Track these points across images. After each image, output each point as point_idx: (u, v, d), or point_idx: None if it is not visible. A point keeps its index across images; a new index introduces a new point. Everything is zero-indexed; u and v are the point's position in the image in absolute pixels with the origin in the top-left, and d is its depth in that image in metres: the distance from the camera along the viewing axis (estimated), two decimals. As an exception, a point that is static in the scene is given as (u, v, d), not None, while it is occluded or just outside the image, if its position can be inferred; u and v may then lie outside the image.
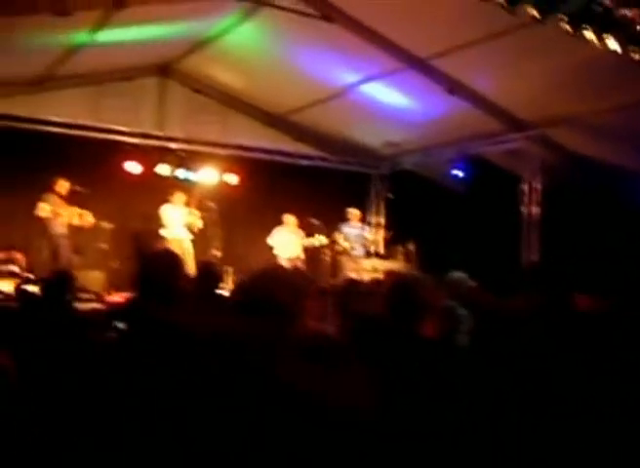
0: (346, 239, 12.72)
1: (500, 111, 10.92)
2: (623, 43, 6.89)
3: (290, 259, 12.41)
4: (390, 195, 14.27)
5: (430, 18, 8.85)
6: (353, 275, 11.27)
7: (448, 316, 3.95)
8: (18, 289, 8.51)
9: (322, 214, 12.56)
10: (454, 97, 10.55)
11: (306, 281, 2.89)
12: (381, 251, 13.76)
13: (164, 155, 12.36)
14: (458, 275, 5.55)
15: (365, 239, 13.18)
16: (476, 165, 12.30)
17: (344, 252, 12.64)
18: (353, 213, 13.03)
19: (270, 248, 12.51)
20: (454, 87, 10.40)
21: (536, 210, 10.93)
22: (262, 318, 2.49)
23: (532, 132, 10.87)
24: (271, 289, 2.58)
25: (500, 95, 10.55)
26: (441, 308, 3.47)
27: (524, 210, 11.01)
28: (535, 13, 6.80)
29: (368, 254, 13.05)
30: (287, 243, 12.54)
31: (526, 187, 11.03)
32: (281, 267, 7.18)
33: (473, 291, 5.39)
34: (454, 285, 5.33)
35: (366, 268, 12.07)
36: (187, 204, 11.74)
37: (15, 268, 10.76)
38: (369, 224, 14.05)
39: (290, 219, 12.65)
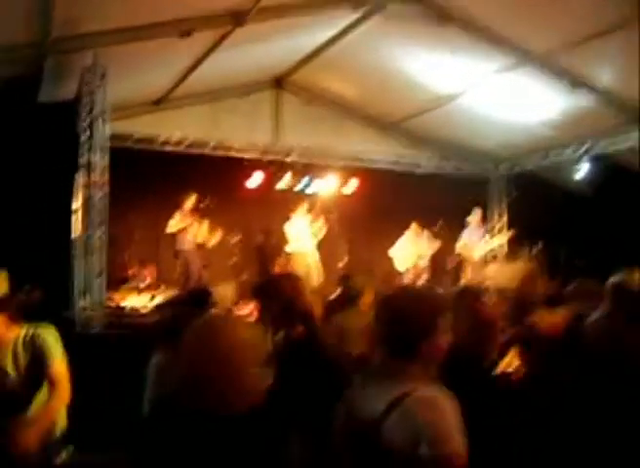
0: (466, 245, 12.53)
1: (626, 105, 10.50)
2: None
3: (410, 270, 12.30)
4: (512, 198, 13.92)
5: (549, 11, 8.60)
6: (476, 280, 11.06)
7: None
8: (158, 305, 8.73)
9: (443, 219, 12.40)
10: (575, 93, 10.23)
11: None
12: (505, 253, 13.47)
13: (282, 168, 12.50)
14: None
15: (487, 244, 12.93)
16: (602, 164, 11.87)
17: (467, 258, 12.44)
18: (474, 218, 12.82)
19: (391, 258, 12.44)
20: (576, 82, 10.07)
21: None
22: None
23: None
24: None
25: (626, 88, 10.12)
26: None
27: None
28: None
29: (492, 259, 12.81)
30: (408, 253, 12.41)
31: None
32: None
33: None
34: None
35: (489, 273, 11.82)
36: (310, 211, 11.79)
37: (146, 284, 11.09)
38: (491, 229, 13.78)
39: (414, 227, 12.53)
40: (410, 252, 12.44)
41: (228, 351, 2.26)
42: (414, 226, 12.52)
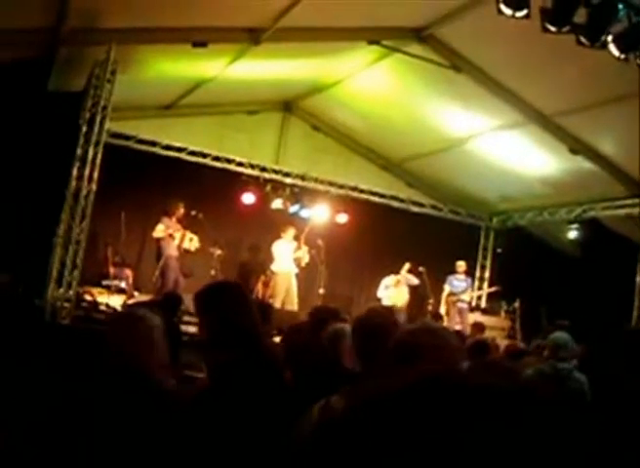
0: (451, 292, 12.53)
1: (623, 174, 10.58)
2: None
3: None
4: (499, 250, 13.99)
5: (560, 75, 8.73)
6: (458, 327, 11.07)
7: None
8: (125, 305, 8.72)
9: (429, 262, 12.40)
10: (577, 157, 10.32)
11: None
12: (483, 305, 13.47)
13: (279, 189, 12.53)
14: (562, 336, 5.36)
15: (470, 292, 12.94)
16: (593, 228, 11.93)
17: (451, 304, 12.44)
18: (462, 265, 12.84)
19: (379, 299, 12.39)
20: (578, 146, 10.16)
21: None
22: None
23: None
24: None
25: (625, 157, 10.21)
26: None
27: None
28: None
29: (471, 309, 12.80)
30: (394, 298, 12.38)
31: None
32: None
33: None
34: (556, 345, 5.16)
35: (470, 322, 11.83)
36: (297, 238, 11.81)
37: (123, 284, 11.07)
38: (473, 278, 13.79)
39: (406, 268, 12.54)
40: (398, 294, 12.40)
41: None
42: (406, 267, 12.46)
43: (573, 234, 12.23)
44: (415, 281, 12.40)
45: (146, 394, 2.64)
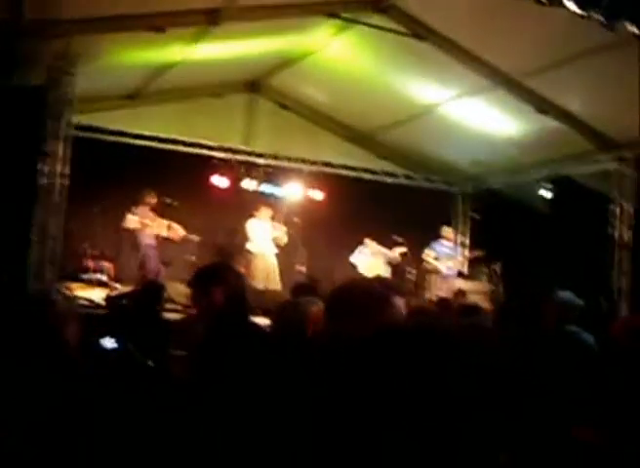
0: (438, 257, 12.58)
1: (592, 131, 10.66)
2: None
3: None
4: (476, 216, 14.05)
5: (522, 36, 8.74)
6: (442, 294, 11.11)
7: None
8: (108, 298, 8.70)
9: (406, 232, 12.46)
10: (544, 117, 10.37)
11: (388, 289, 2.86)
12: (465, 270, 13.56)
13: (250, 170, 12.50)
14: (567, 295, 5.35)
15: (455, 258, 13.00)
16: (564, 186, 12.02)
17: (434, 270, 12.50)
18: (447, 231, 12.89)
19: (354, 266, 12.46)
20: (545, 106, 10.21)
21: (627, 232, 10.59)
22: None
23: (626, 153, 10.57)
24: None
25: (593, 113, 10.30)
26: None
27: (613, 232, 10.68)
28: (635, 29, 6.61)
29: (458, 275, 12.87)
30: (369, 263, 12.44)
31: (617, 209, 10.70)
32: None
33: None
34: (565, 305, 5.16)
35: (454, 288, 11.90)
36: (273, 218, 11.82)
37: (103, 277, 11.04)
38: (461, 244, 13.88)
39: (371, 244, 12.56)
40: (371, 262, 12.46)
41: None
42: (371, 243, 12.52)
43: (546, 193, 12.30)
44: (395, 257, 12.45)
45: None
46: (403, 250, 12.48)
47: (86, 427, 2.55)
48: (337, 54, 10.69)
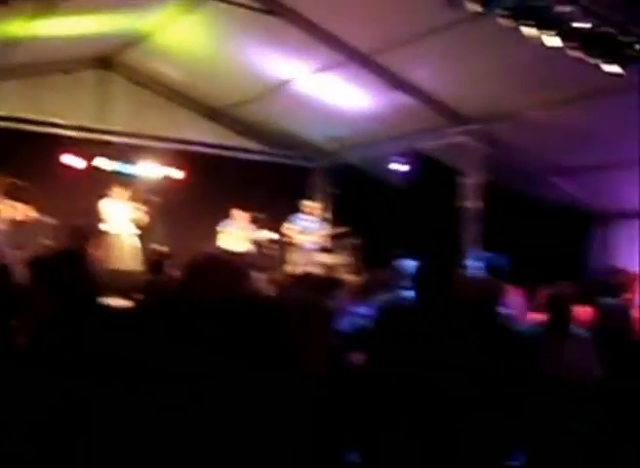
0: (300, 232, 12.64)
1: (441, 106, 11.05)
2: (563, 40, 6.99)
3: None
4: (336, 190, 14.26)
5: (372, 13, 8.90)
6: (306, 268, 11.20)
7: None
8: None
9: (266, 207, 12.49)
10: (396, 92, 10.64)
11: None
12: (328, 245, 13.72)
13: (104, 148, 12.18)
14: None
15: (318, 232, 13.11)
16: (418, 159, 12.41)
17: (296, 245, 12.57)
18: (309, 205, 12.98)
19: (217, 243, 12.35)
20: (396, 81, 10.48)
21: (476, 204, 11.05)
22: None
23: (473, 126, 11.01)
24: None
25: (442, 89, 10.68)
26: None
27: (464, 204, 11.11)
28: (476, 7, 6.88)
29: (321, 249, 13.01)
30: (235, 237, 12.38)
31: (467, 181, 11.15)
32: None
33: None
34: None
35: (317, 262, 12.03)
36: (131, 199, 11.56)
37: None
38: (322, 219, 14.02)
39: (239, 215, 12.51)
40: (237, 235, 12.38)
41: None
42: (239, 214, 12.46)
43: (400, 167, 12.64)
44: (261, 237, 12.47)
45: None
46: (272, 235, 12.45)
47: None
48: (189, 30, 10.57)
